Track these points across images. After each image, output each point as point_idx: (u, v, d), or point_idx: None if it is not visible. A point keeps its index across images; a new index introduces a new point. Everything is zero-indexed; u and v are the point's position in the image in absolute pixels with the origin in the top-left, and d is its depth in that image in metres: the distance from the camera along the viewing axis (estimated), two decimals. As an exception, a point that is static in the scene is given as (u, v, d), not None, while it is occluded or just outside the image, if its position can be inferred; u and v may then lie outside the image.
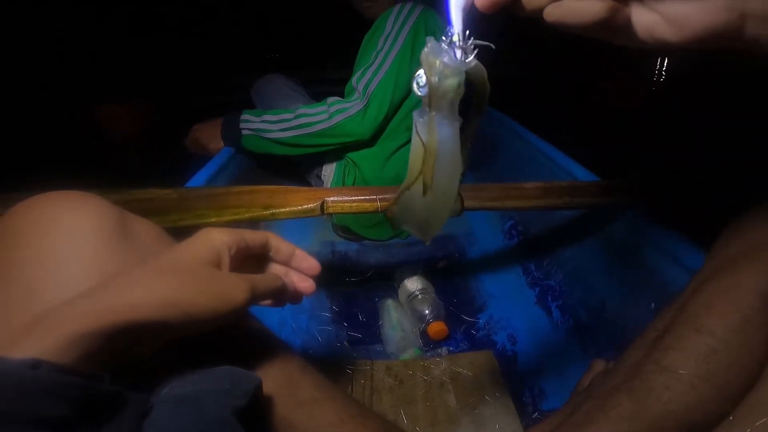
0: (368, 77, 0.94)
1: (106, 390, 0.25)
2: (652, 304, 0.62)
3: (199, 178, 0.86)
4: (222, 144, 1.05)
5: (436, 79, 0.27)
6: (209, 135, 1.07)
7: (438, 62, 0.27)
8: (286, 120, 0.95)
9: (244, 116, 1.00)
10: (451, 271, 1.05)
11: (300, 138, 0.95)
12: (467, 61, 0.28)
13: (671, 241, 0.62)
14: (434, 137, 0.29)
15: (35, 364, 0.22)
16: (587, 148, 0.91)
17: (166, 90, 1.40)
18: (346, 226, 1.15)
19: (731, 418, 0.38)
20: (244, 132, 1.00)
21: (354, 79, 0.97)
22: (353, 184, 1.09)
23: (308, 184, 1.23)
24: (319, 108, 0.94)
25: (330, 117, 0.93)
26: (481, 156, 1.33)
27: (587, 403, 0.47)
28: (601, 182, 0.74)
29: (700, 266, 0.51)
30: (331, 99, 0.95)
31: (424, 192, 0.30)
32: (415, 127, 0.30)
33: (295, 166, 1.23)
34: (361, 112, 0.92)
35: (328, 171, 1.13)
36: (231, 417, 0.29)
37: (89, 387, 0.24)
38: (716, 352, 0.41)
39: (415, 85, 0.29)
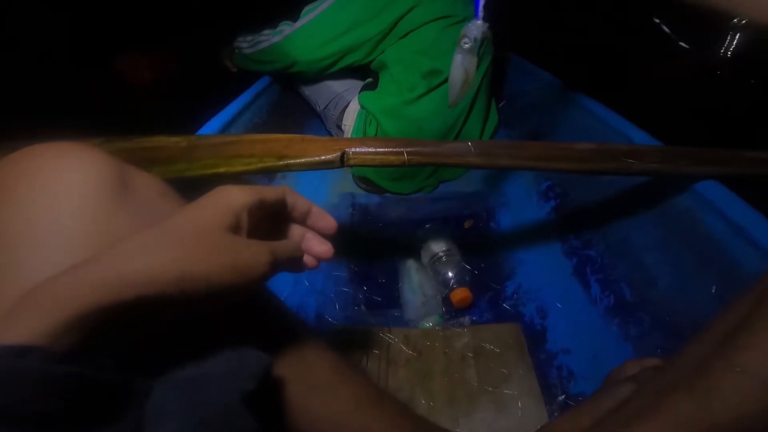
0: (310, 7, 0.99)
1: (110, 380, 0.22)
2: (713, 288, 0.54)
3: (212, 126, 0.80)
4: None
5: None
6: (225, 54, 1.21)
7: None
8: (252, 40, 1.08)
9: (238, 38, 1.14)
10: (478, 233, 0.98)
11: (257, 54, 1.06)
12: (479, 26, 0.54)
13: (746, 216, 0.53)
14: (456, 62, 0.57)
15: (22, 352, 0.19)
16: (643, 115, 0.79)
17: (191, 39, 1.36)
18: (366, 177, 1.08)
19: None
20: (235, 51, 1.14)
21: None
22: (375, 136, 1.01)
23: (330, 135, 1.16)
24: (273, 30, 1.04)
25: (272, 36, 1.02)
26: (514, 113, 1.23)
27: (636, 401, 0.42)
28: (666, 148, 0.63)
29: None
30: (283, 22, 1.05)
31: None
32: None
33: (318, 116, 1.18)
34: (293, 35, 0.99)
35: (349, 121, 1.05)
36: (237, 401, 0.26)
37: (90, 378, 0.21)
38: None
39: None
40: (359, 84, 1.10)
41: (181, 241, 0.26)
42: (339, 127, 1.10)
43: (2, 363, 0.19)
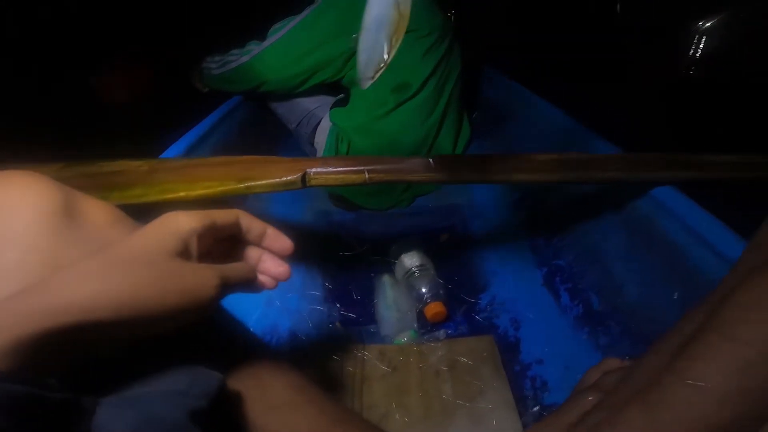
0: (278, 26, 1.00)
1: (54, 399, 0.22)
2: (675, 294, 0.55)
3: (177, 147, 0.79)
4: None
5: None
6: (194, 75, 1.23)
7: None
8: (220, 60, 1.09)
9: (206, 59, 1.16)
10: (452, 246, 0.98)
11: (227, 74, 1.07)
12: None
13: (702, 221, 0.54)
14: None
15: None
16: (607, 122, 0.81)
17: (167, 57, 1.36)
18: (340, 194, 1.08)
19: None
20: (204, 71, 1.15)
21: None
22: (347, 153, 1.01)
23: (304, 153, 1.16)
24: (241, 50, 1.05)
25: (241, 56, 1.03)
26: (487, 124, 1.24)
27: (596, 415, 0.41)
28: (624, 155, 0.64)
29: (739, 255, 0.43)
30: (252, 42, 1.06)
31: None
32: None
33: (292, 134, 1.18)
34: (262, 53, 1.00)
35: (321, 138, 1.05)
36: (184, 418, 0.26)
37: (32, 397, 0.21)
38: (753, 365, 0.34)
39: None
40: (331, 100, 1.09)
41: (123, 267, 0.26)
42: (312, 145, 1.09)
43: None
